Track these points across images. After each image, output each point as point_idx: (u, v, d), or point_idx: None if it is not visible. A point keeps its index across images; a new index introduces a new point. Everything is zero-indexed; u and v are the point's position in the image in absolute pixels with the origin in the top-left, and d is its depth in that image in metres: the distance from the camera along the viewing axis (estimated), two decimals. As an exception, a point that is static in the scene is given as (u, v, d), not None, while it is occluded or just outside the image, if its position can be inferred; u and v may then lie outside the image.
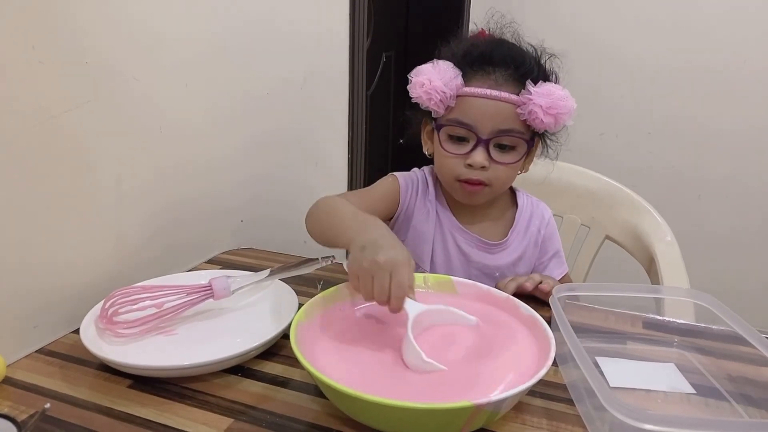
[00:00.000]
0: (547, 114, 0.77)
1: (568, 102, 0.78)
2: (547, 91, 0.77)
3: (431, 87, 0.79)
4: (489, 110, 0.79)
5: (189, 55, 0.90)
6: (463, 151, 0.81)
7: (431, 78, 0.79)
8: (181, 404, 0.59)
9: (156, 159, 0.87)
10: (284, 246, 1.09)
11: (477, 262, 0.90)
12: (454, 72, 0.80)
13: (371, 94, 1.94)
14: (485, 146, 0.80)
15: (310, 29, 1.22)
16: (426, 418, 0.50)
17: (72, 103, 0.71)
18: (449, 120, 0.82)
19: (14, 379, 0.62)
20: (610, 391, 0.49)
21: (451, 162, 0.83)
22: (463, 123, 0.80)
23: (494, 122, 0.79)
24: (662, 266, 1.05)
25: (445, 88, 0.79)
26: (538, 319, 0.63)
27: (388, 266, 0.61)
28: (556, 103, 0.77)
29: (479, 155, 0.80)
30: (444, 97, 0.79)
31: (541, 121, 0.78)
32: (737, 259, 2.16)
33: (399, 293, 0.61)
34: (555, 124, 0.79)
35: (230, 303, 0.76)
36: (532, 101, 0.77)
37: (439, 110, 0.82)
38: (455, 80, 0.80)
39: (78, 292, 0.75)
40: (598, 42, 2.14)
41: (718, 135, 2.09)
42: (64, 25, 0.69)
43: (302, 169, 1.30)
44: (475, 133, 0.80)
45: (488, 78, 0.80)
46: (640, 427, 0.47)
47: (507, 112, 0.79)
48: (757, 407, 0.60)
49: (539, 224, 0.93)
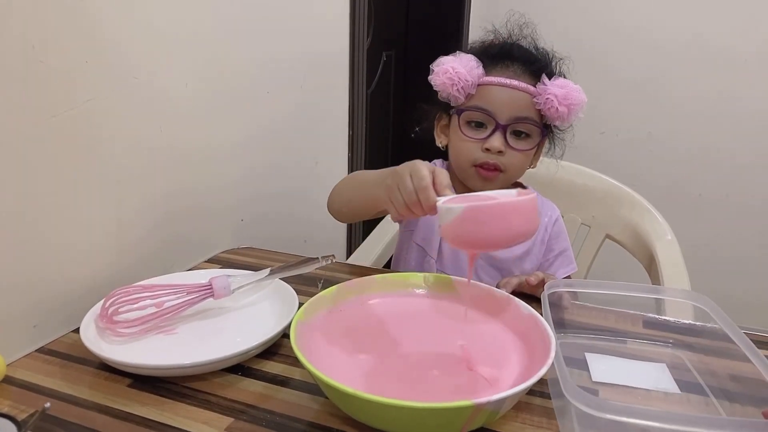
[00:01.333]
0: (561, 104, 0.82)
1: (581, 95, 0.84)
2: (562, 84, 0.83)
3: (455, 74, 0.84)
4: (508, 98, 0.84)
5: (189, 54, 0.90)
6: (481, 136, 0.86)
7: (455, 66, 0.84)
8: (181, 403, 0.59)
9: (156, 159, 0.87)
10: (284, 245, 1.09)
11: (485, 254, 0.92)
12: (475, 62, 0.85)
13: (371, 93, 1.94)
14: (503, 132, 0.84)
15: (310, 28, 1.22)
16: (426, 418, 0.50)
17: (72, 103, 0.71)
18: (469, 106, 0.86)
19: (14, 379, 0.62)
20: (573, 383, 0.50)
21: (469, 146, 0.86)
22: (483, 109, 0.85)
23: (512, 109, 0.84)
24: (662, 265, 1.05)
25: (468, 75, 0.84)
26: (538, 318, 0.63)
27: (407, 169, 0.67)
28: (571, 95, 0.83)
29: (497, 140, 0.84)
30: (466, 84, 0.84)
31: (556, 110, 0.83)
32: (737, 258, 2.16)
33: (421, 184, 0.65)
34: (568, 114, 0.84)
35: (230, 302, 0.76)
36: (548, 91, 0.83)
37: (459, 97, 0.86)
38: (477, 69, 0.85)
39: (78, 292, 0.75)
40: (598, 42, 2.14)
41: (718, 134, 2.10)
42: (64, 25, 0.69)
43: (302, 168, 1.30)
44: (494, 119, 0.84)
45: (507, 69, 0.86)
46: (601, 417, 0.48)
47: (524, 100, 0.85)
48: (742, 405, 0.60)
49: (546, 222, 0.96)
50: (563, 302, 0.76)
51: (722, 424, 0.49)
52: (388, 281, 0.75)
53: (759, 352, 0.58)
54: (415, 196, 0.65)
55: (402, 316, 0.71)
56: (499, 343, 0.65)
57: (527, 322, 0.65)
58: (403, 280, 0.76)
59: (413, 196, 0.65)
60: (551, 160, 0.95)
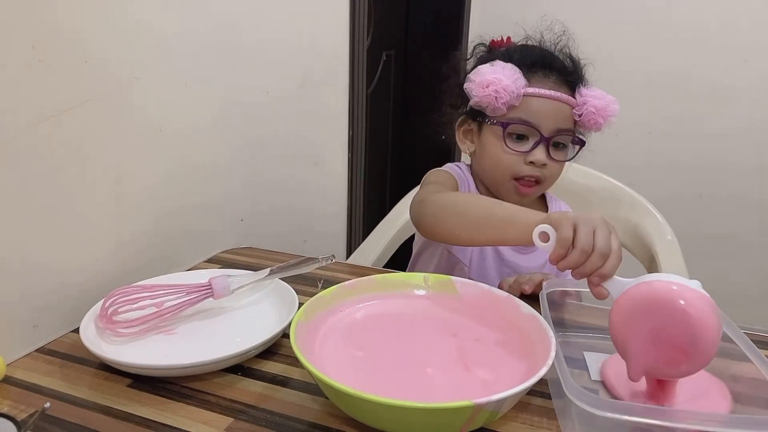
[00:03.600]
0: (600, 116, 0.83)
1: (616, 106, 0.84)
2: (600, 95, 0.84)
3: (501, 86, 0.81)
4: (551, 110, 0.83)
5: (189, 55, 0.90)
6: (524, 149, 0.84)
7: (499, 78, 0.81)
8: (181, 403, 0.59)
9: (156, 158, 0.87)
10: (284, 245, 1.09)
11: (511, 262, 0.91)
12: (518, 73, 0.83)
13: (371, 93, 1.93)
14: (546, 144, 0.83)
15: (310, 28, 1.22)
16: (426, 418, 0.50)
17: (72, 103, 0.71)
18: (512, 119, 0.84)
19: (14, 379, 0.62)
20: (574, 383, 0.50)
21: (511, 159, 0.85)
22: (527, 122, 0.83)
23: (555, 121, 0.83)
24: (663, 265, 1.05)
25: (513, 87, 0.81)
26: (538, 318, 0.63)
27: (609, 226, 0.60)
28: (609, 107, 0.83)
29: (540, 153, 0.83)
30: (512, 96, 0.82)
31: (595, 122, 0.84)
32: (738, 258, 2.16)
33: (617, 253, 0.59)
34: (603, 125, 0.84)
35: (230, 302, 0.76)
36: (589, 103, 0.83)
37: (503, 109, 0.83)
38: (521, 80, 0.82)
39: (77, 292, 0.75)
40: (597, 42, 2.14)
41: (718, 134, 2.10)
42: (64, 25, 0.69)
43: (302, 169, 1.30)
44: (539, 131, 0.83)
45: (547, 80, 0.84)
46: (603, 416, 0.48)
47: (566, 112, 0.84)
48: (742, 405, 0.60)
49: None
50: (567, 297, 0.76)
51: (723, 421, 0.49)
52: (389, 281, 0.75)
53: (759, 352, 0.58)
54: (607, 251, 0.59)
55: (402, 317, 0.71)
56: (500, 344, 0.65)
57: (527, 322, 0.65)
58: (403, 281, 0.76)
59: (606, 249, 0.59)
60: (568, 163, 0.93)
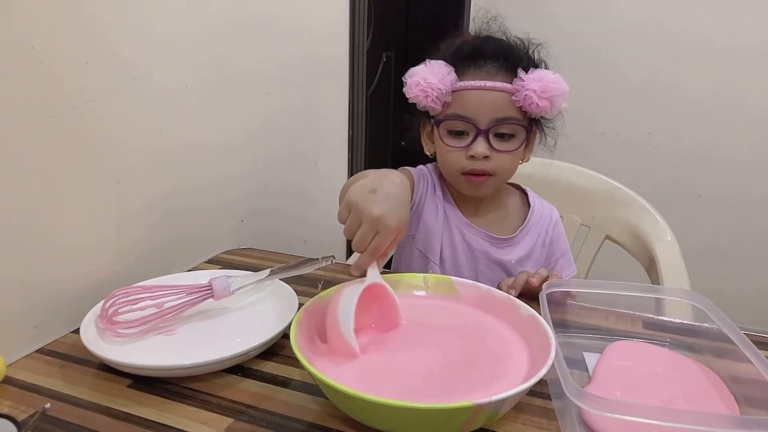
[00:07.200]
0: (541, 98, 0.79)
1: (560, 84, 0.80)
2: (539, 76, 0.79)
3: (427, 85, 0.81)
4: (485, 101, 0.81)
5: (189, 55, 0.90)
6: (463, 143, 0.83)
7: (426, 76, 0.81)
8: (181, 404, 0.59)
9: (156, 159, 0.87)
10: (284, 246, 1.09)
11: (483, 252, 0.92)
12: (447, 68, 0.82)
13: (371, 93, 1.93)
14: (485, 136, 0.82)
15: (310, 29, 1.22)
16: (426, 418, 0.50)
17: (72, 103, 0.71)
18: (447, 115, 0.83)
19: (14, 379, 0.62)
20: (574, 383, 0.50)
21: (454, 156, 0.84)
22: (461, 116, 0.82)
23: (491, 112, 0.81)
24: (662, 266, 1.05)
25: (440, 84, 0.81)
26: (538, 319, 0.63)
27: (378, 224, 0.61)
28: (549, 87, 0.79)
29: (480, 146, 0.82)
30: (440, 93, 0.81)
31: (536, 105, 0.79)
32: (737, 258, 2.16)
33: (373, 253, 0.63)
34: (550, 107, 0.81)
35: (230, 303, 0.76)
36: (526, 87, 0.79)
37: (436, 107, 0.83)
38: (449, 76, 0.82)
39: (78, 292, 0.75)
40: (597, 43, 2.14)
41: (718, 135, 2.10)
42: (64, 25, 0.69)
43: (302, 169, 1.30)
44: (474, 125, 0.82)
45: (480, 70, 0.82)
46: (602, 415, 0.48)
47: (503, 101, 0.81)
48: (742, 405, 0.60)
49: (547, 225, 0.95)
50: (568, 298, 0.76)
51: (723, 421, 0.49)
52: (388, 282, 0.75)
53: (759, 352, 0.58)
54: (362, 249, 0.63)
55: (402, 317, 0.71)
56: (499, 344, 0.65)
57: (527, 322, 0.65)
58: (403, 281, 0.76)
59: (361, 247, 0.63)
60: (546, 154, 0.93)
